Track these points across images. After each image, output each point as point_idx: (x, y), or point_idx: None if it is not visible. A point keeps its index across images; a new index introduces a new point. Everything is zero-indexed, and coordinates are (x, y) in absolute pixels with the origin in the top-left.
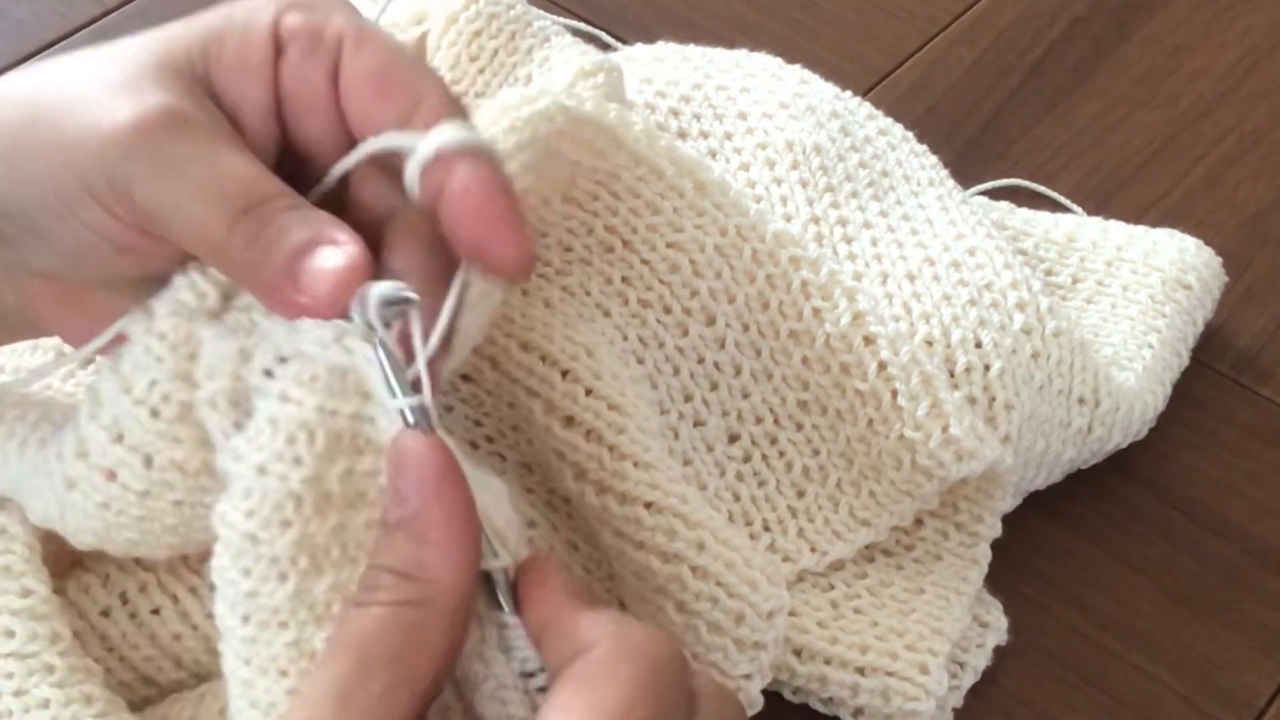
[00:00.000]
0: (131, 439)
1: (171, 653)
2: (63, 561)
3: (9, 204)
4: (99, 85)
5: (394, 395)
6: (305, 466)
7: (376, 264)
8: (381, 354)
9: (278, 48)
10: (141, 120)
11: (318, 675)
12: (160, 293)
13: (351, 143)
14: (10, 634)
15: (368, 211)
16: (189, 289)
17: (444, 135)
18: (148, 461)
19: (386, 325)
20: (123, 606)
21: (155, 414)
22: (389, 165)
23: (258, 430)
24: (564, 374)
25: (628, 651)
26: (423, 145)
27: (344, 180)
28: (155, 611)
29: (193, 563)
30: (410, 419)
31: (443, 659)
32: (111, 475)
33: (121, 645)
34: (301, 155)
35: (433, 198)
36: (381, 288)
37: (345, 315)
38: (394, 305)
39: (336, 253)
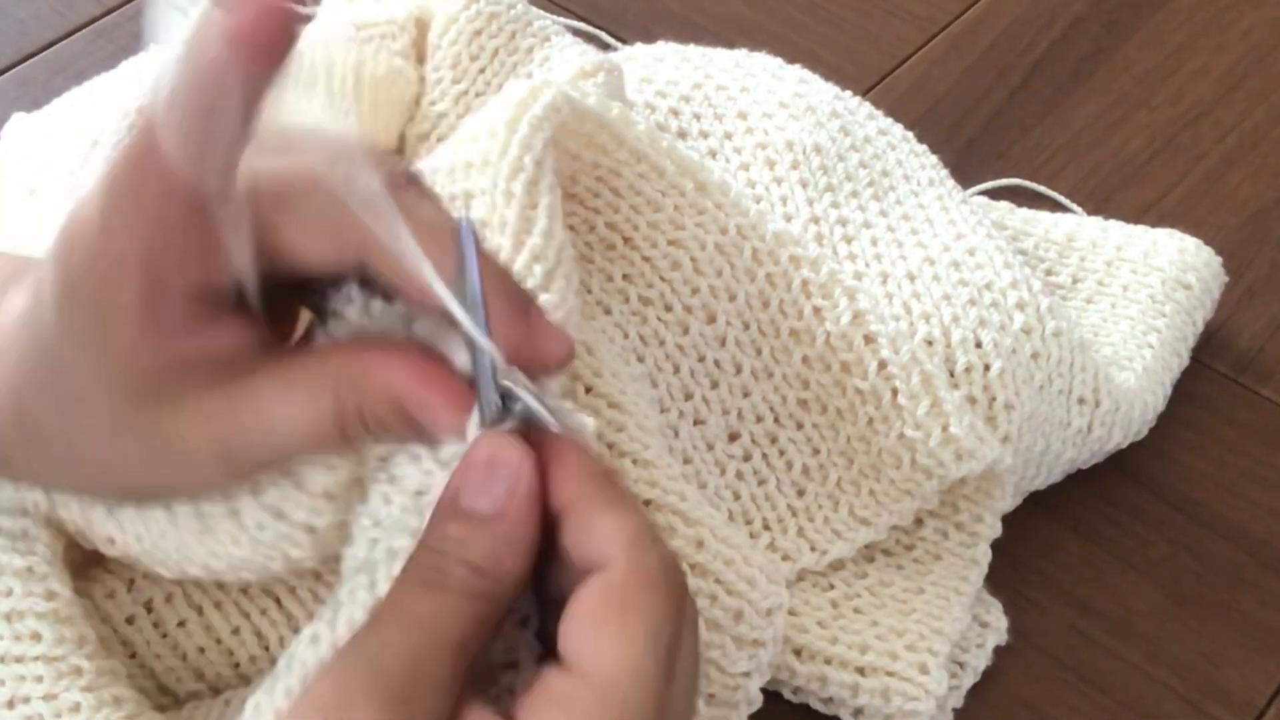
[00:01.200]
0: (296, 518)
1: (194, 666)
2: (77, 561)
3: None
4: (147, 458)
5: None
6: None
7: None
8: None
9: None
10: (214, 457)
11: (383, 637)
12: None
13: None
14: (38, 637)
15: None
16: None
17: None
18: (311, 532)
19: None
20: (148, 615)
21: (331, 498)
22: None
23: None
24: None
25: (645, 580)
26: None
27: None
28: (181, 625)
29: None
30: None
31: (486, 649)
32: None
33: (145, 654)
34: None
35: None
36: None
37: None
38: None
39: (432, 406)
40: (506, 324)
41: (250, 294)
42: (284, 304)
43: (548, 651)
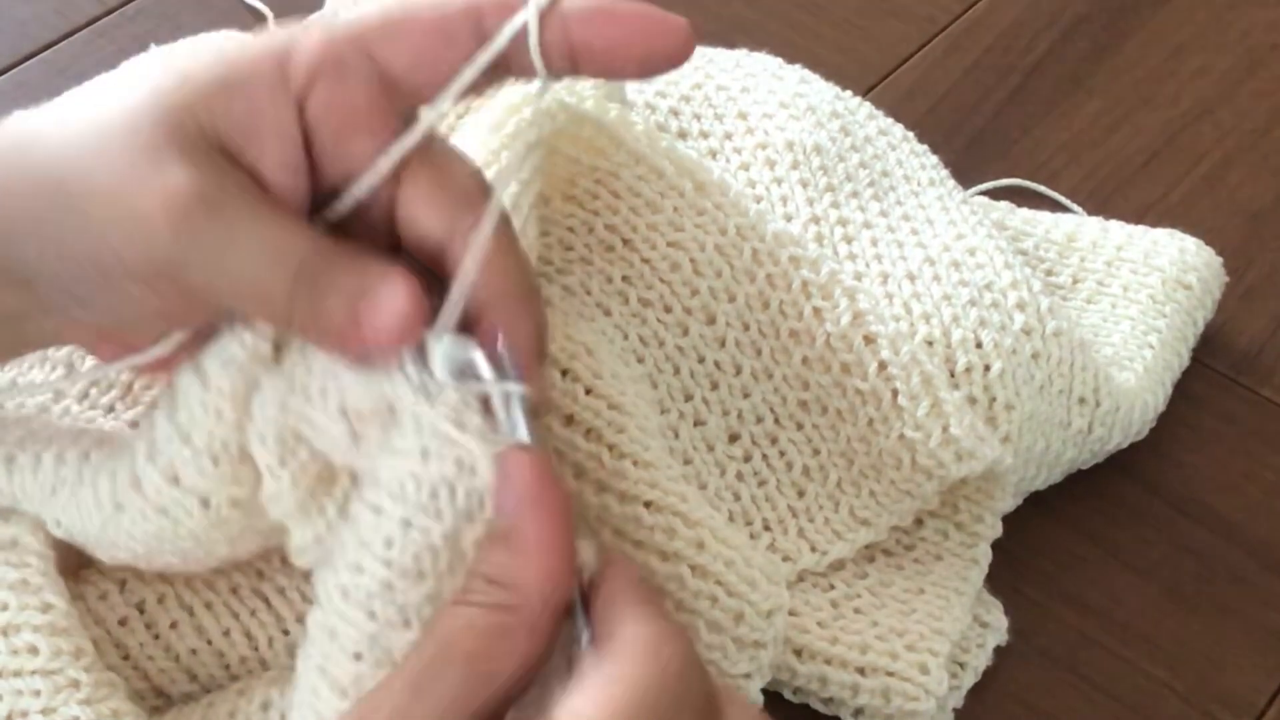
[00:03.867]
0: (188, 482)
1: (187, 667)
2: (70, 563)
3: (43, 276)
4: (120, 161)
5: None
6: (445, 522)
7: (436, 287)
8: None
9: (299, 93)
10: (177, 206)
11: (406, 664)
12: (210, 348)
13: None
14: (34, 651)
15: (418, 239)
16: (239, 345)
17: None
18: (204, 503)
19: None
20: (140, 617)
21: (216, 461)
22: (432, 195)
23: (401, 483)
24: (564, 373)
25: (643, 660)
26: (526, 15)
27: (383, 211)
28: (173, 626)
29: (209, 575)
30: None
31: (524, 666)
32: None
33: (138, 656)
34: (340, 180)
35: (564, 54)
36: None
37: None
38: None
39: (394, 294)
40: (512, 315)
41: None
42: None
43: None
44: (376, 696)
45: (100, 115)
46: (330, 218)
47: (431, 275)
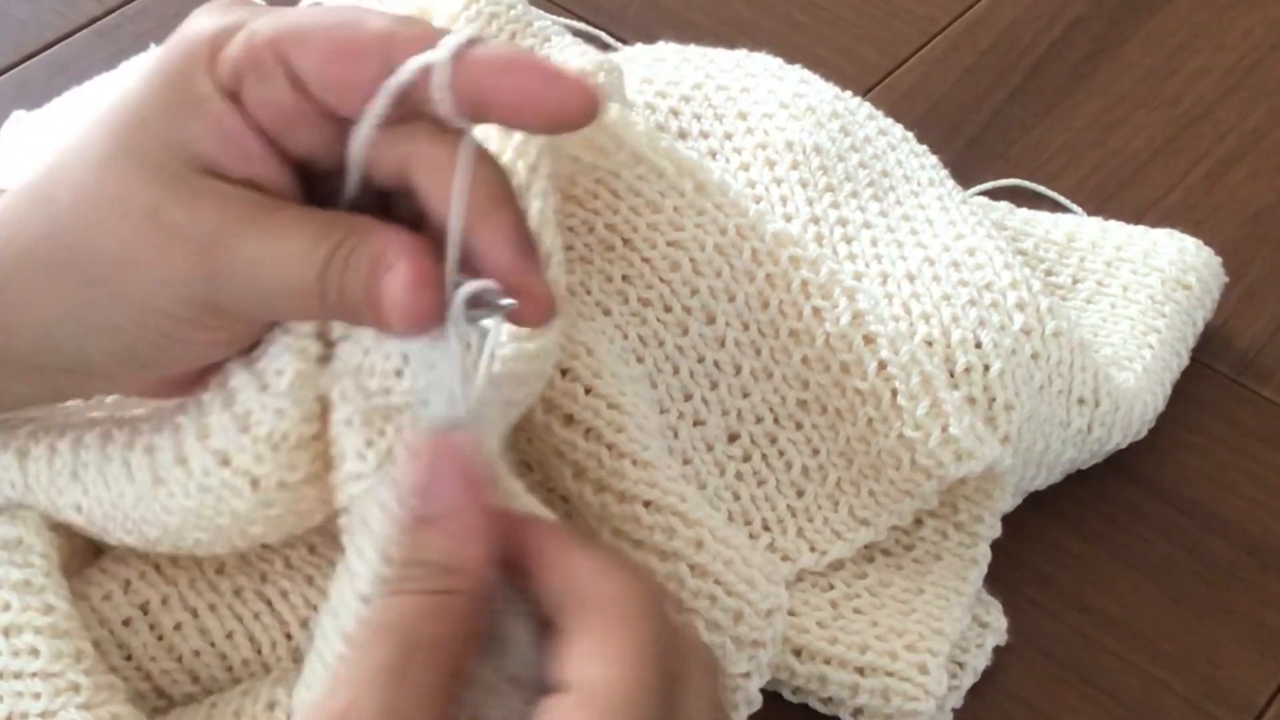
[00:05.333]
0: (241, 465)
1: (189, 668)
2: (74, 562)
3: (94, 360)
4: (126, 232)
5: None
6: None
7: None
8: (455, 351)
9: (233, 95)
10: (198, 255)
11: (362, 656)
12: (265, 353)
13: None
14: (35, 652)
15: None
16: (290, 351)
17: (450, 42)
18: (254, 484)
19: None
20: (144, 617)
21: (275, 448)
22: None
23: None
24: (563, 372)
25: (635, 601)
26: (436, 55)
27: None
28: (177, 627)
29: (212, 576)
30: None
31: (473, 643)
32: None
33: (141, 657)
34: (315, 168)
35: (468, 100)
36: (467, 289)
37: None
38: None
39: (397, 274)
40: (505, 259)
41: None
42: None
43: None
44: (353, 692)
45: (86, 184)
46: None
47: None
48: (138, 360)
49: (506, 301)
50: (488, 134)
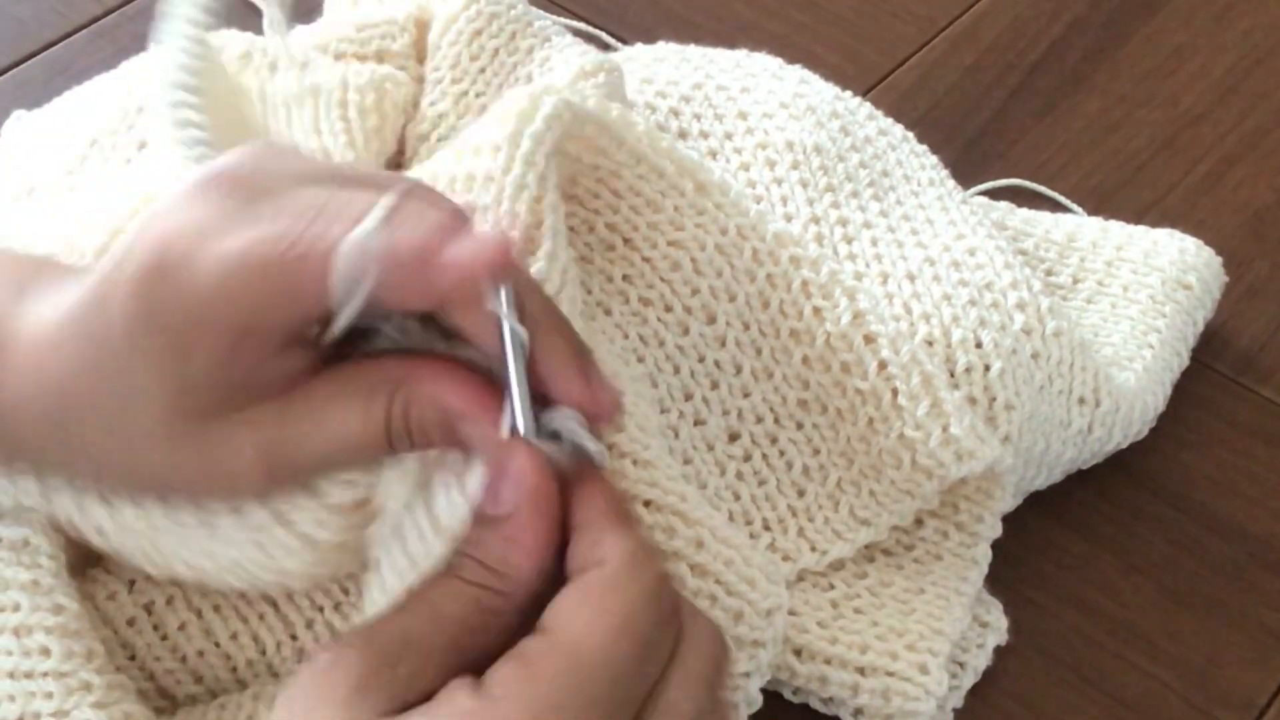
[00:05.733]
0: (301, 527)
1: (193, 669)
2: (79, 562)
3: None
4: (194, 465)
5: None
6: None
7: None
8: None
9: None
10: (255, 472)
11: (390, 617)
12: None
13: None
14: (46, 652)
15: None
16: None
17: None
18: (313, 547)
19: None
20: (148, 618)
21: (340, 514)
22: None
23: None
24: None
25: (636, 576)
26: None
27: None
28: (181, 628)
29: None
30: (520, 428)
31: (498, 642)
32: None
33: (145, 657)
34: None
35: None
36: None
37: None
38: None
39: (484, 436)
40: (566, 375)
41: (336, 330)
42: None
43: None
44: (361, 646)
45: (122, 415)
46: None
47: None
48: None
49: (595, 448)
50: (497, 142)
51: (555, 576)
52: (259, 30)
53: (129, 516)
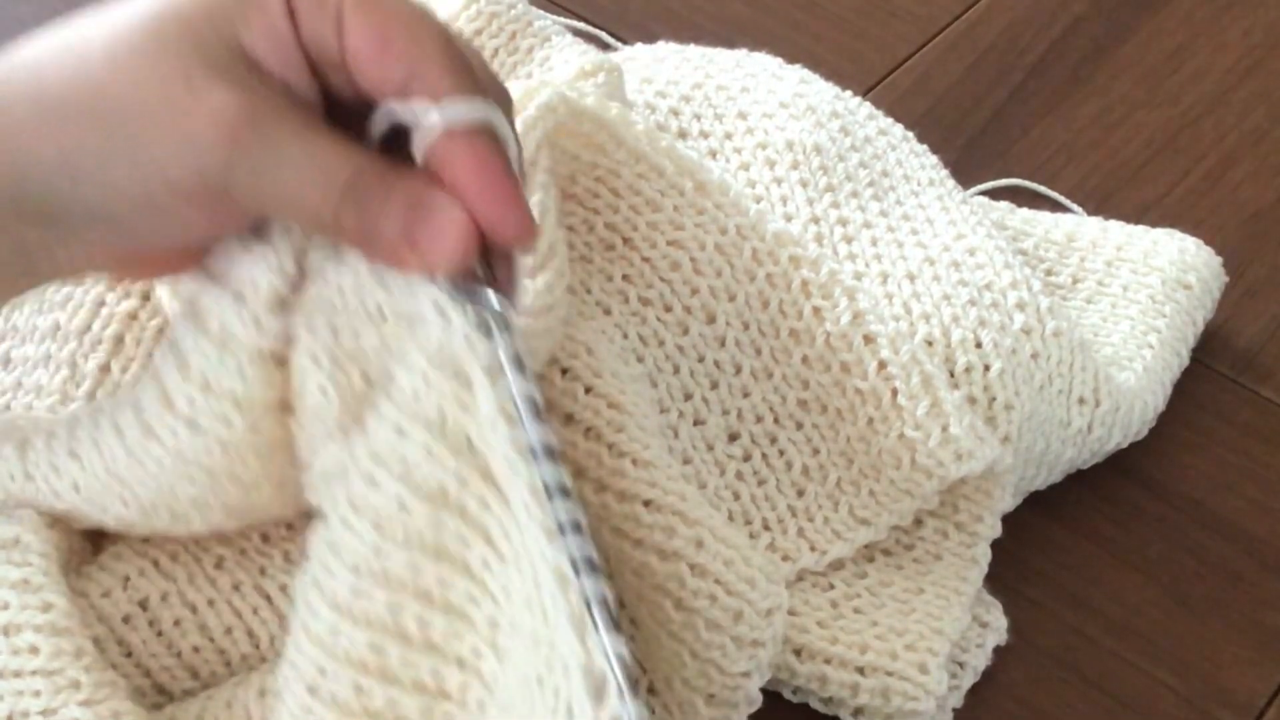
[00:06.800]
0: (223, 386)
1: (189, 664)
2: (73, 560)
3: (75, 207)
4: (158, 85)
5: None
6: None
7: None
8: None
9: (290, 7)
10: (225, 126)
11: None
12: (236, 262)
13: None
14: (35, 651)
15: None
16: (268, 264)
17: (446, 113)
18: (238, 406)
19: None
20: (143, 614)
21: (253, 363)
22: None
23: (414, 395)
24: (563, 372)
25: None
26: (425, 122)
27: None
28: (176, 623)
29: (211, 572)
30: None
31: None
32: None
33: (141, 653)
34: (343, 108)
35: (440, 169)
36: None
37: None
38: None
39: (449, 219)
40: (475, 199)
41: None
42: None
43: None
44: None
45: (123, 38)
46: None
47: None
48: (123, 225)
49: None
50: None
51: None
52: None
53: (90, 463)
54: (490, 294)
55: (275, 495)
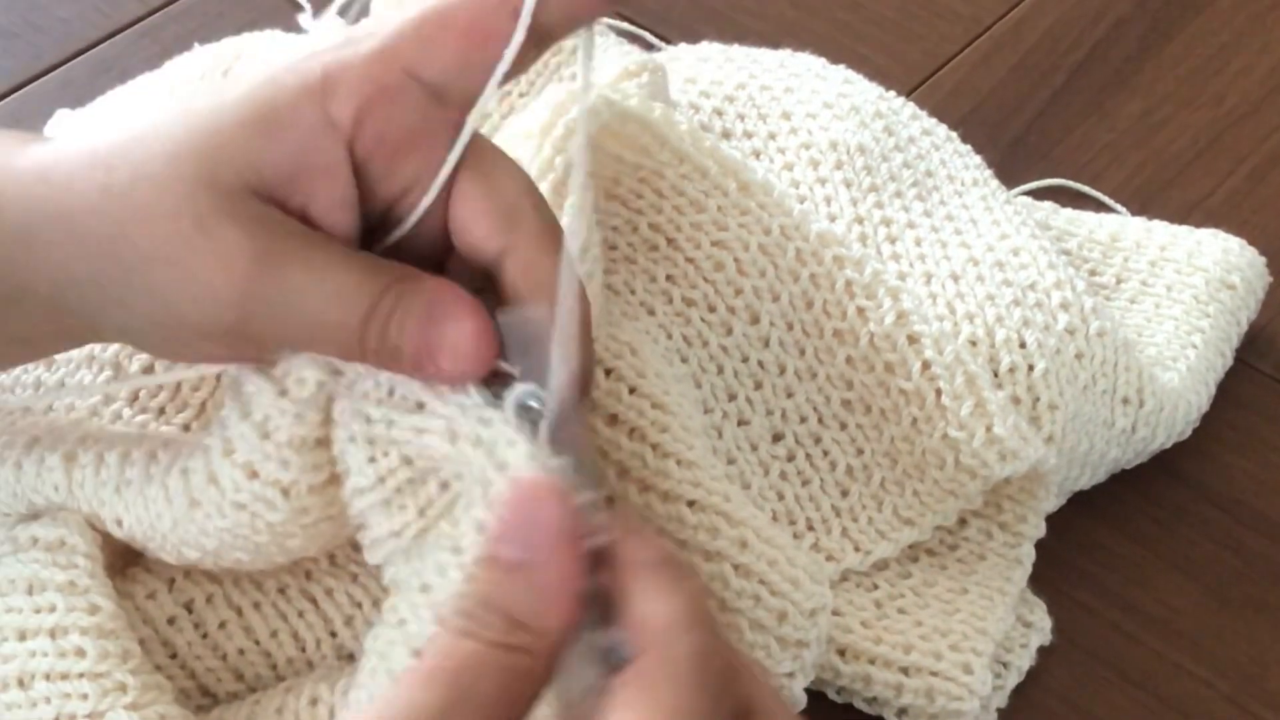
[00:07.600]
0: (268, 475)
1: (234, 667)
2: (118, 562)
3: (106, 322)
4: (169, 228)
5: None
6: None
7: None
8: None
9: (348, 133)
10: (237, 270)
11: (410, 695)
12: (284, 359)
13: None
14: (82, 653)
15: (470, 249)
16: (319, 366)
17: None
18: (285, 493)
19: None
20: (188, 616)
21: (297, 451)
22: (483, 210)
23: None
24: (608, 372)
25: (674, 661)
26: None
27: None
28: (221, 626)
29: (256, 576)
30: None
31: (530, 705)
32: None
33: (186, 655)
34: (392, 199)
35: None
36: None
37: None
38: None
39: (458, 330)
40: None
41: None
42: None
43: None
44: None
45: (144, 169)
46: (388, 244)
47: (487, 279)
48: (150, 345)
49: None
50: (529, 129)
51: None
52: (296, 28)
53: (134, 508)
54: (521, 389)
55: (325, 548)
